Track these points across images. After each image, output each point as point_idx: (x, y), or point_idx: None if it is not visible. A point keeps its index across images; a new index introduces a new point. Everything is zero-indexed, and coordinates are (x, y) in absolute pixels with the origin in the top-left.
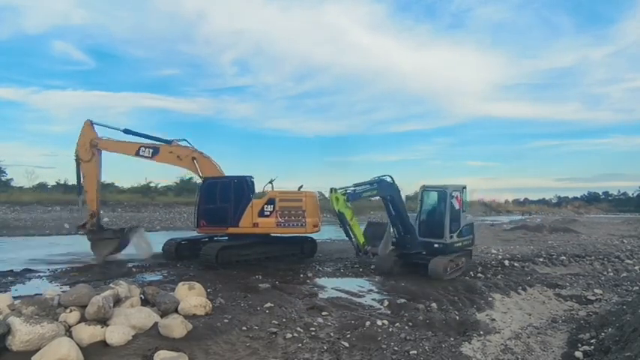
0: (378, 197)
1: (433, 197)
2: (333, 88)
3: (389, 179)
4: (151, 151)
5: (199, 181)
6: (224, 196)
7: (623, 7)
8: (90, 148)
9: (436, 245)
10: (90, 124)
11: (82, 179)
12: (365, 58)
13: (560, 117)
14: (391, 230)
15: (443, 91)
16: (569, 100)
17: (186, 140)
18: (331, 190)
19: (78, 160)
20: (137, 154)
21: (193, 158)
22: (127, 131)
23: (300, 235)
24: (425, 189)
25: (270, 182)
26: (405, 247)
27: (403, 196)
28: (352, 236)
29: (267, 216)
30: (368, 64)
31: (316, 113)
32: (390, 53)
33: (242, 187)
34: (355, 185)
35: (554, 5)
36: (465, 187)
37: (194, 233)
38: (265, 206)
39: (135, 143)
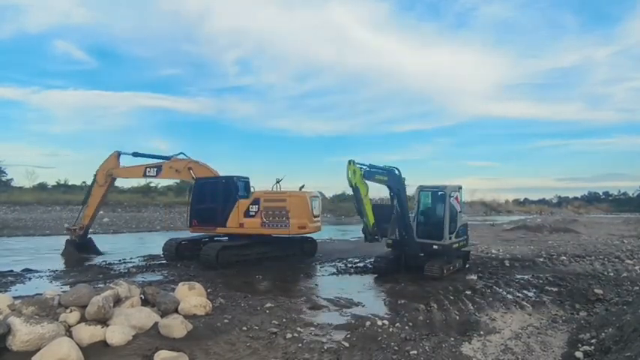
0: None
1: (431, 198)
2: (335, 87)
3: (397, 172)
4: (155, 170)
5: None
6: (213, 197)
7: (627, 7)
8: (106, 175)
9: (435, 247)
10: (117, 156)
11: (90, 194)
12: (367, 57)
13: (563, 117)
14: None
15: (445, 91)
16: (572, 100)
17: (183, 153)
18: (349, 162)
19: (94, 179)
20: (144, 175)
21: (189, 168)
22: (135, 154)
23: (294, 235)
24: (422, 189)
25: (278, 182)
26: (403, 248)
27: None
28: (364, 215)
29: (253, 216)
30: (370, 63)
31: (318, 113)
32: (393, 53)
33: (229, 188)
34: (370, 166)
35: (559, 4)
36: (460, 187)
37: (193, 233)
38: (250, 206)
39: (141, 166)
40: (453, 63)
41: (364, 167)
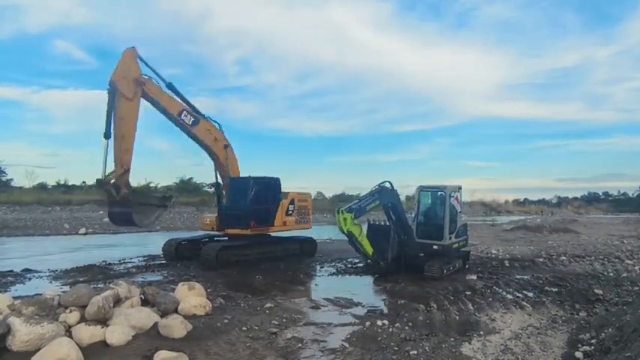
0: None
1: (431, 198)
2: (335, 87)
3: (388, 185)
4: (192, 119)
5: (201, 181)
6: (265, 197)
7: (628, 7)
8: (134, 85)
9: (435, 247)
10: (135, 55)
11: (114, 121)
12: (367, 57)
13: (563, 117)
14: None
15: (445, 91)
16: (572, 100)
17: (217, 123)
18: (337, 211)
19: (113, 93)
20: (178, 114)
21: (226, 146)
22: (169, 85)
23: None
24: (422, 189)
25: None
26: (404, 249)
27: (403, 198)
28: (362, 250)
29: (290, 215)
30: (370, 63)
31: (318, 113)
32: (394, 53)
33: (277, 188)
34: (359, 199)
35: (560, 4)
36: (460, 188)
37: (193, 233)
38: (289, 206)
39: (179, 103)
40: (454, 63)
41: (354, 206)
